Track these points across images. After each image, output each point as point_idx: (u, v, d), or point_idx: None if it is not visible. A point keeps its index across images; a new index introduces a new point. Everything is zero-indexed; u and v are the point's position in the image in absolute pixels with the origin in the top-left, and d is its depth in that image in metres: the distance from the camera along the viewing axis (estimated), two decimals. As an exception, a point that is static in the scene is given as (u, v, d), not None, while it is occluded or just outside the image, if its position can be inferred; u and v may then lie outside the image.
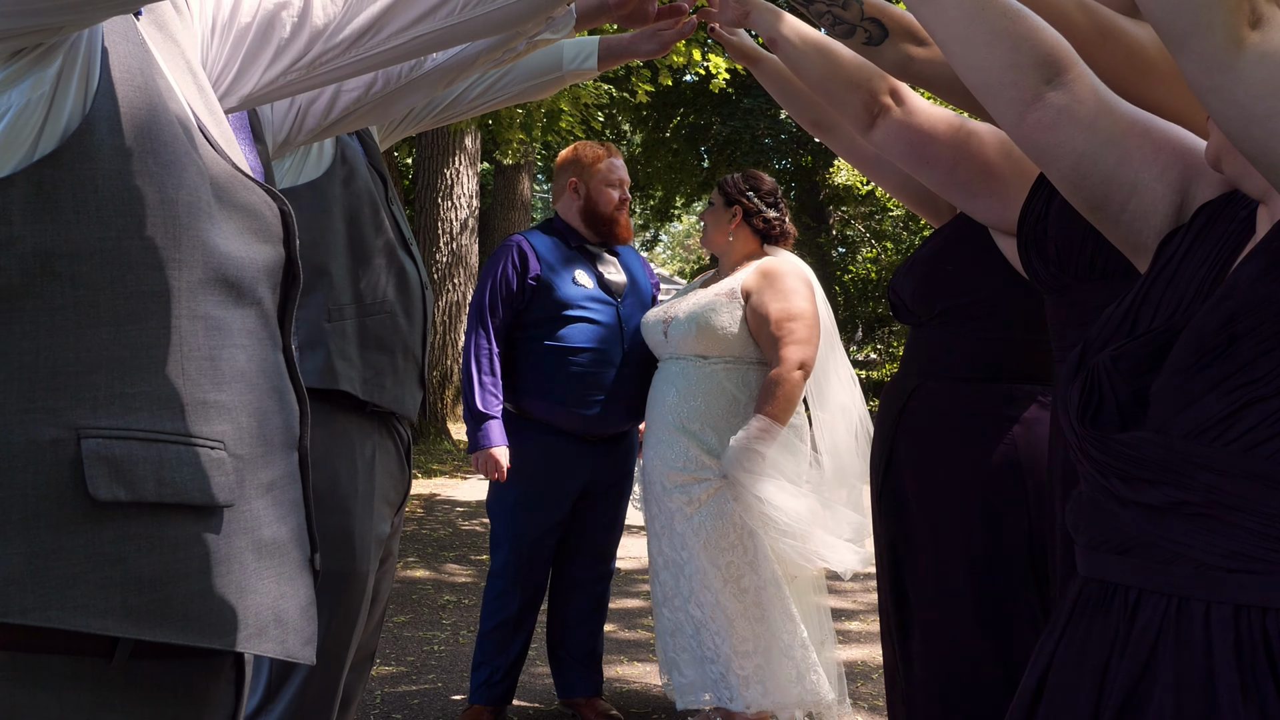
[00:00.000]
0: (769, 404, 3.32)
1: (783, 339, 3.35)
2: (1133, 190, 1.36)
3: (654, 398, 3.54)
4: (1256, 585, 1.12)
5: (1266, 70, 1.04)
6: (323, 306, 2.21)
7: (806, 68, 2.00)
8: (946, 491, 2.14)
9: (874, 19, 1.80)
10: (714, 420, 3.40)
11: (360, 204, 2.29)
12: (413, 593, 5.64)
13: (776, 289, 3.43)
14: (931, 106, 1.98)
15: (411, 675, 4.42)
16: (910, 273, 2.30)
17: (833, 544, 3.31)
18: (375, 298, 2.31)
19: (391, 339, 2.33)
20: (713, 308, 3.44)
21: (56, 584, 0.99)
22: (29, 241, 0.99)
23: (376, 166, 2.37)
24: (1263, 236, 1.21)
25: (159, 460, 1.05)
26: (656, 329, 3.56)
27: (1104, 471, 1.23)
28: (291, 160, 2.20)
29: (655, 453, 3.50)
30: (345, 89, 1.72)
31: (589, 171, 3.78)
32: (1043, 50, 1.37)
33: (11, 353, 0.99)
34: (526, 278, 3.65)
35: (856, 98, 1.96)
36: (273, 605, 1.14)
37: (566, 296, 3.63)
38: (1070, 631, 1.27)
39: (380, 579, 2.43)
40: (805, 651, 3.39)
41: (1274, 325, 1.13)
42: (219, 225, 1.12)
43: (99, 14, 0.99)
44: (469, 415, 3.63)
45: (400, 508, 2.45)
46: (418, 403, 2.43)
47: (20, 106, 0.98)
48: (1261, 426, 1.12)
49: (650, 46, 2.08)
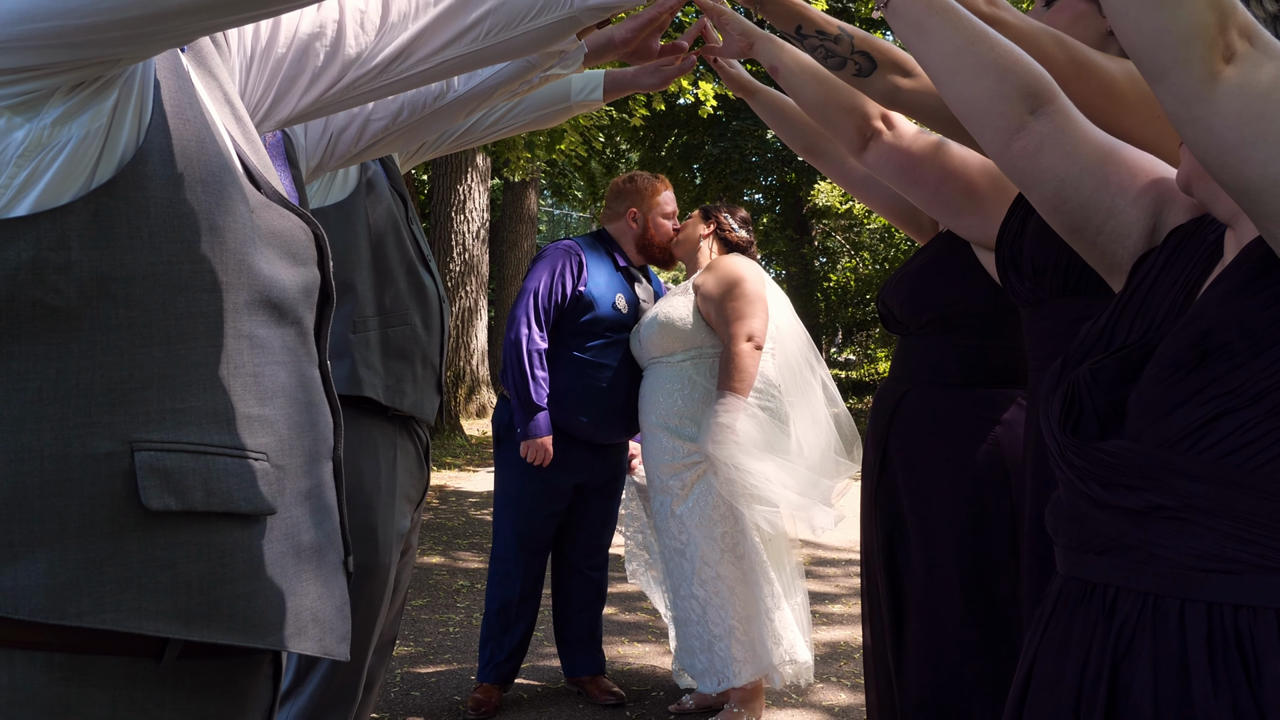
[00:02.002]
0: (727, 380, 3.39)
1: (729, 317, 3.41)
2: (1109, 214, 1.35)
3: (641, 404, 3.59)
4: (1228, 584, 1.11)
5: (1240, 102, 1.03)
6: (348, 319, 2.22)
7: (805, 94, 2.00)
8: (936, 486, 2.14)
9: (863, 52, 1.79)
10: (691, 412, 3.47)
11: (383, 224, 2.29)
12: (429, 578, 5.63)
13: (720, 276, 3.52)
14: (919, 131, 1.98)
15: (428, 655, 4.41)
16: (898, 286, 2.31)
17: (805, 505, 3.34)
18: (397, 311, 2.31)
19: (412, 349, 2.33)
20: (670, 305, 3.53)
21: (111, 588, 0.98)
22: (86, 266, 0.98)
23: (398, 189, 2.37)
24: (1232, 259, 1.20)
25: (207, 471, 1.04)
26: (635, 340, 3.62)
27: (1084, 477, 1.22)
28: (320, 183, 2.20)
29: (648, 453, 3.55)
30: (374, 118, 1.71)
31: (649, 204, 3.82)
32: (1027, 82, 1.36)
33: (70, 370, 0.98)
34: (579, 287, 3.66)
35: (851, 122, 1.97)
36: (311, 606, 1.13)
37: (603, 316, 3.66)
38: (1052, 628, 1.26)
39: (401, 570, 2.44)
40: (782, 614, 3.43)
41: (1243, 342, 1.12)
42: (261, 249, 1.10)
43: (154, 47, 0.97)
44: (521, 406, 3.58)
45: (419, 504, 2.46)
46: (435, 407, 2.43)
47: (80, 138, 0.97)
48: (1233, 436, 1.11)
49: (652, 80, 2.08)
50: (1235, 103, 1.03)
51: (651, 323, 3.54)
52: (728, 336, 3.42)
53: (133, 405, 1.00)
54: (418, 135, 1.79)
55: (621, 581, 5.25)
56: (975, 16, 1.60)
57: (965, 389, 2.17)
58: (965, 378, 2.18)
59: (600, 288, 3.68)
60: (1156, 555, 1.15)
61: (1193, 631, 1.12)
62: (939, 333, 2.22)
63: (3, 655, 0.96)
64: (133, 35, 0.93)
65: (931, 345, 2.23)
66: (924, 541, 2.15)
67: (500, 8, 1.31)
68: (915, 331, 2.26)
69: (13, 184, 0.95)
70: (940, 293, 2.20)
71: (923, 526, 2.15)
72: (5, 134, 0.94)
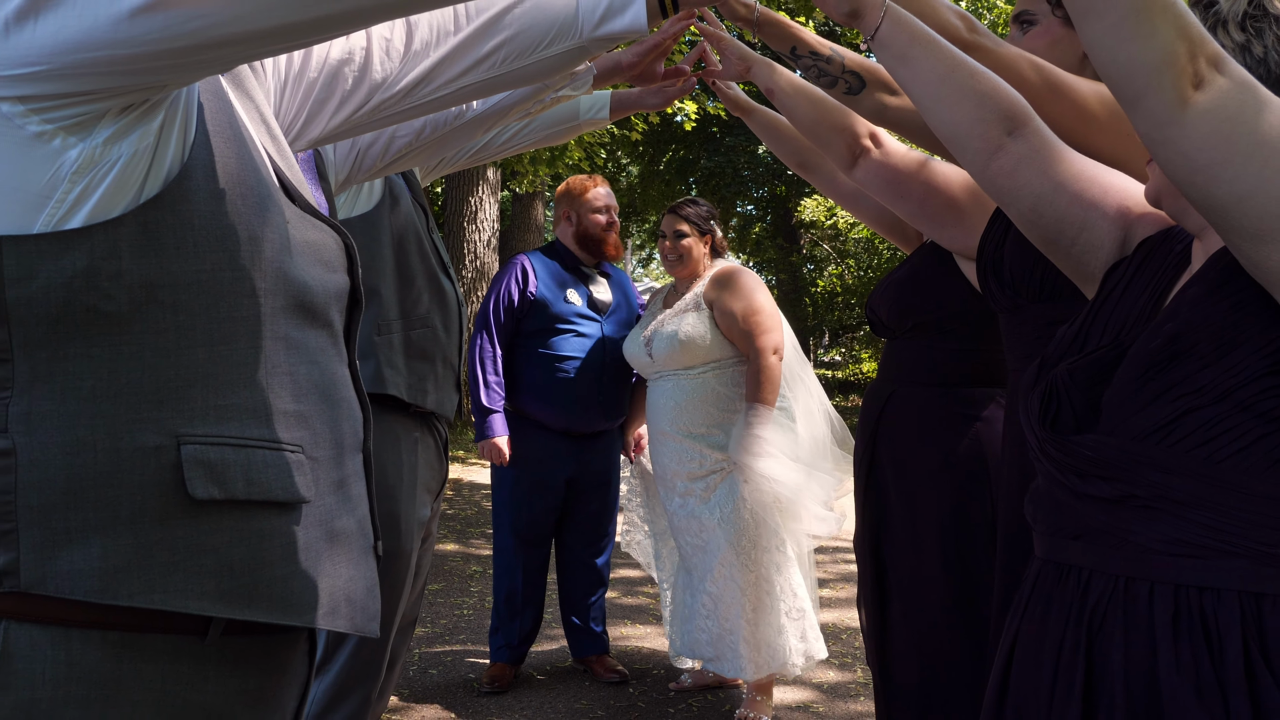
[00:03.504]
0: (756, 392, 3.31)
1: (753, 332, 3.34)
2: (1082, 227, 1.35)
3: (655, 411, 3.49)
4: (1194, 568, 1.11)
5: (1208, 125, 1.03)
6: (373, 322, 2.21)
7: (798, 114, 1.99)
8: (921, 479, 2.14)
9: (854, 72, 1.79)
10: (716, 419, 3.40)
11: (406, 233, 2.28)
12: (445, 564, 5.63)
13: (734, 290, 3.43)
14: (905, 148, 1.98)
15: (445, 636, 4.41)
16: (886, 293, 2.30)
17: (820, 515, 3.32)
18: (418, 314, 2.30)
19: (432, 350, 2.32)
20: (686, 324, 3.42)
21: (160, 571, 0.98)
22: (136, 274, 0.98)
23: (419, 200, 2.37)
24: (1200, 267, 1.20)
25: (248, 463, 1.03)
26: (640, 353, 3.53)
27: (1061, 468, 1.22)
28: (347, 195, 2.20)
29: (668, 459, 3.45)
30: (398, 135, 1.71)
31: (579, 201, 3.80)
32: (1004, 106, 1.36)
33: (121, 371, 0.98)
34: (526, 292, 3.68)
35: (841, 140, 1.96)
36: (344, 587, 1.13)
37: (559, 312, 3.66)
38: (1031, 608, 1.26)
39: (421, 556, 2.43)
40: (806, 615, 3.40)
41: (1210, 344, 1.12)
42: (296, 258, 1.10)
43: (197, 74, 0.97)
44: (475, 409, 3.65)
45: (438, 494, 2.45)
46: (454, 404, 2.43)
47: (129, 155, 0.97)
48: (1200, 431, 1.11)
49: (656, 101, 2.07)
50: (1204, 126, 1.03)
51: (669, 340, 3.42)
52: (754, 351, 3.34)
53: (179, 402, 1.00)
54: (438, 151, 1.79)
55: (623, 567, 5.25)
56: (955, 45, 1.61)
57: (948, 389, 2.17)
58: (948, 378, 2.17)
59: (550, 288, 3.69)
60: (1128, 541, 1.15)
61: (1160, 611, 1.12)
62: (923, 336, 2.21)
63: (60, 633, 0.96)
64: (177, 64, 0.93)
65: (916, 348, 2.23)
66: (910, 528, 2.15)
67: (515, 38, 1.31)
68: (901, 335, 2.26)
69: (68, 199, 0.94)
70: (924, 299, 2.20)
71: (909, 514, 2.16)
72: (60, 153, 0.94)
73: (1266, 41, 1.15)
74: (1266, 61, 1.15)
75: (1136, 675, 1.12)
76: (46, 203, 0.94)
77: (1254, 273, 1.08)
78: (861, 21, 1.41)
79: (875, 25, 1.39)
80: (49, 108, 0.92)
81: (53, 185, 0.93)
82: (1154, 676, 1.11)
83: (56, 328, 0.95)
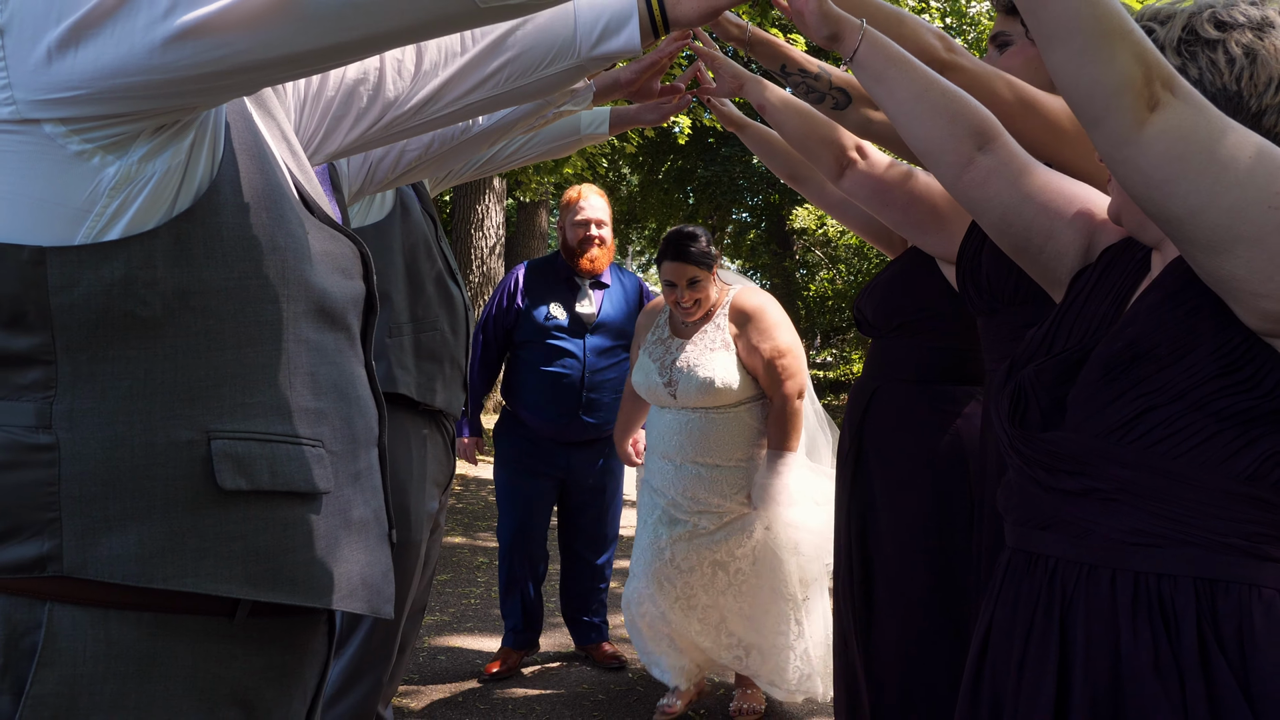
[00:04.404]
0: (782, 439, 3.04)
1: (780, 377, 3.06)
2: (1049, 236, 1.36)
3: (671, 441, 3.14)
4: (1153, 557, 1.14)
5: (1163, 144, 1.05)
6: (385, 325, 2.23)
7: (788, 128, 2.00)
8: (904, 471, 2.14)
9: (840, 88, 1.81)
10: (746, 450, 3.10)
11: (415, 241, 2.30)
12: (453, 556, 5.63)
13: (761, 328, 3.12)
14: (890, 160, 1.99)
15: (453, 624, 4.42)
16: (871, 294, 2.31)
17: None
18: (428, 318, 2.32)
19: (441, 351, 2.34)
20: (718, 367, 3.07)
21: (191, 556, 1.00)
22: (169, 282, 1.00)
23: (428, 210, 2.38)
24: (1158, 274, 1.22)
25: (272, 457, 1.05)
26: (659, 390, 3.15)
27: (1030, 463, 1.24)
28: (360, 205, 2.21)
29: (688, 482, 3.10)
30: (408, 149, 1.73)
31: (565, 212, 3.74)
32: (974, 123, 1.38)
33: (155, 371, 1.00)
34: (514, 303, 3.65)
35: (829, 153, 1.97)
36: (361, 572, 1.14)
37: (542, 325, 3.61)
38: (1003, 593, 1.28)
39: (430, 546, 2.44)
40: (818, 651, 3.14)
41: (1167, 347, 1.14)
42: (315, 266, 1.12)
43: (224, 97, 1.00)
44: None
45: (447, 488, 2.46)
46: (461, 403, 2.44)
47: (163, 172, 0.99)
48: (1158, 429, 1.13)
49: (653, 117, 2.08)
50: (1159, 145, 1.05)
51: (701, 387, 3.06)
52: (782, 396, 3.06)
53: (209, 401, 1.02)
54: (446, 164, 1.81)
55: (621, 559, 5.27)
56: (934, 63, 1.63)
57: (930, 385, 2.17)
58: (930, 376, 2.18)
59: (535, 300, 3.64)
60: (1092, 531, 1.17)
61: (1122, 596, 1.14)
62: (907, 336, 2.22)
63: (99, 614, 0.98)
64: (206, 88, 0.95)
65: (900, 347, 2.23)
66: (894, 518, 2.15)
67: (517, 58, 1.33)
68: (886, 334, 2.26)
69: (106, 212, 0.96)
70: (908, 301, 2.20)
71: (893, 505, 2.16)
72: (99, 170, 0.96)
73: (1200, 64, 1.17)
74: (1201, 82, 1.16)
75: (1101, 656, 1.15)
76: (87, 216, 0.96)
77: (1208, 281, 1.10)
78: (841, 44, 1.43)
79: (854, 47, 1.41)
80: (88, 128, 0.94)
81: (92, 200, 0.96)
82: (1117, 657, 1.14)
83: (96, 332, 0.98)
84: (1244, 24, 1.17)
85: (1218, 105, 1.15)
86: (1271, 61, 1.15)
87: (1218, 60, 1.16)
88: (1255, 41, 1.16)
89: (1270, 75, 1.16)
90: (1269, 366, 1.09)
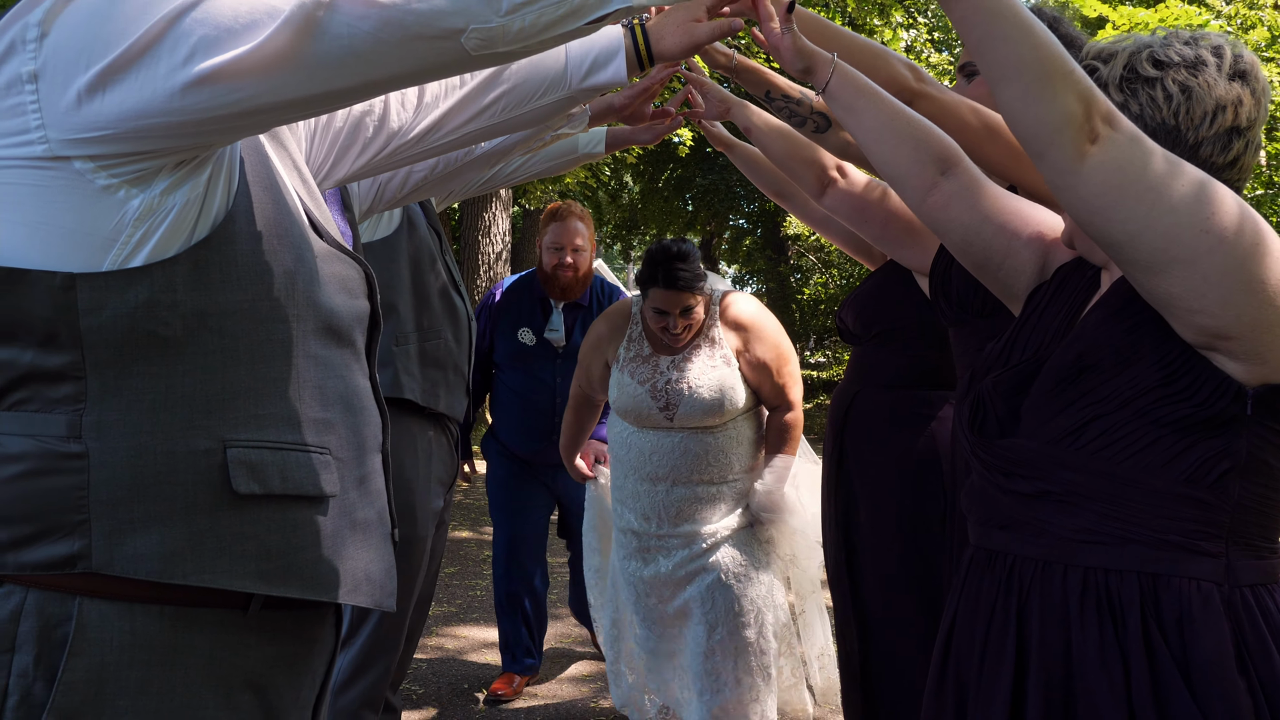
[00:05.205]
0: (782, 445, 2.79)
1: (787, 385, 2.79)
2: (1007, 255, 1.39)
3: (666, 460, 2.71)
4: (1101, 554, 1.17)
5: (1102, 176, 1.09)
6: (392, 334, 2.25)
7: (773, 149, 2.01)
8: (883, 470, 2.16)
9: (820, 113, 1.82)
10: (746, 463, 2.77)
11: (421, 255, 2.32)
12: (459, 550, 5.64)
13: (762, 338, 2.79)
14: (868, 179, 1.99)
15: (459, 615, 4.44)
16: (852, 304, 2.32)
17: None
18: (432, 327, 2.34)
19: (445, 359, 2.36)
20: (726, 386, 2.70)
21: (209, 555, 1.04)
22: (189, 304, 1.03)
23: (434, 225, 2.41)
24: (1104, 292, 1.26)
25: (283, 463, 1.08)
26: (649, 413, 2.71)
27: (989, 468, 1.27)
28: (369, 222, 2.23)
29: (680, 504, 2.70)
30: (414, 171, 1.76)
31: (542, 229, 3.45)
32: (937, 149, 1.41)
33: (176, 386, 1.03)
34: (487, 324, 3.43)
35: (811, 173, 1.98)
36: (365, 568, 1.17)
37: (513, 348, 3.40)
38: (966, 587, 1.31)
39: (436, 541, 2.47)
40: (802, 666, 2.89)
41: (1111, 359, 1.17)
42: (324, 287, 1.15)
43: (239, 136, 1.04)
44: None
45: (450, 486, 2.48)
46: (463, 407, 2.45)
47: (182, 204, 1.03)
48: (1104, 435, 1.17)
49: (646, 137, 2.09)
50: (1098, 176, 1.09)
51: (707, 407, 2.67)
52: (785, 405, 2.80)
53: (225, 412, 1.06)
54: (450, 183, 1.85)
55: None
56: (904, 92, 1.66)
57: (907, 390, 2.19)
58: (907, 381, 2.20)
59: (510, 324, 3.41)
60: (1046, 530, 1.21)
61: (1072, 590, 1.18)
62: (886, 343, 2.23)
63: (125, 608, 1.02)
64: (222, 128, 0.99)
65: (879, 354, 2.25)
66: (874, 513, 2.17)
67: (513, 90, 1.37)
68: (866, 342, 2.28)
69: (131, 241, 1.00)
70: (887, 310, 2.22)
71: (873, 501, 2.18)
72: (124, 202, 0.99)
73: (1141, 100, 1.20)
74: (1142, 117, 1.20)
75: (1053, 643, 1.18)
76: (113, 245, 1.00)
77: (1148, 298, 1.14)
78: (814, 77, 1.45)
79: (825, 80, 1.44)
80: (114, 164, 0.98)
81: (118, 230, 1.00)
82: (1068, 645, 1.17)
83: (122, 350, 1.01)
84: (1179, 63, 1.20)
85: (1158, 138, 1.19)
86: (1205, 97, 1.19)
87: (1156, 97, 1.20)
88: (1190, 79, 1.19)
89: (1205, 110, 1.19)
90: (1204, 377, 1.13)
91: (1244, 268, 1.07)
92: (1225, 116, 1.19)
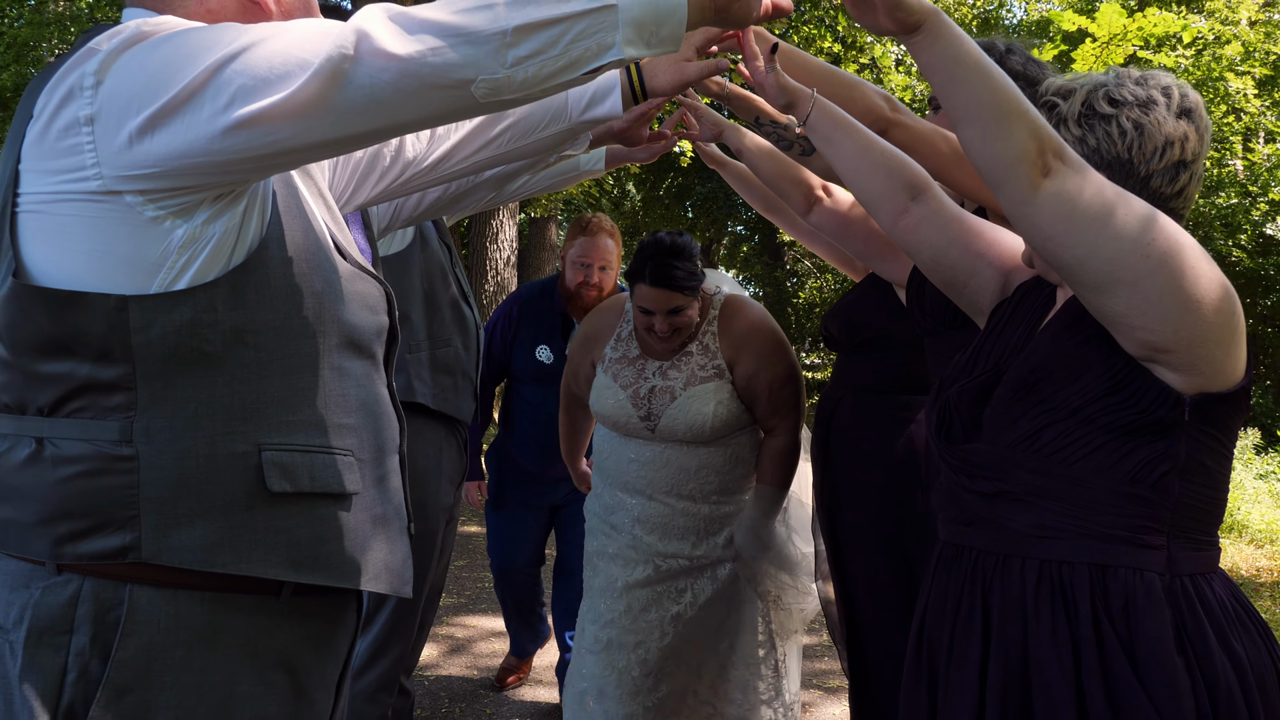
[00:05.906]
0: (776, 476, 2.37)
1: (784, 408, 2.39)
2: (972, 273, 1.45)
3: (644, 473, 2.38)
4: (1054, 547, 1.23)
5: (1054, 206, 1.14)
6: (405, 342, 2.28)
7: (762, 170, 2.05)
8: (865, 471, 2.19)
9: (806, 138, 1.86)
10: (735, 484, 2.41)
11: (433, 268, 2.36)
12: (469, 543, 5.66)
13: (761, 351, 2.38)
14: (852, 199, 2.02)
15: (468, 606, 4.47)
16: (838, 314, 2.33)
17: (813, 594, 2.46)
18: (443, 336, 2.37)
19: (454, 365, 2.39)
20: (714, 402, 2.32)
21: (246, 546, 1.10)
22: (228, 323, 1.10)
23: (445, 241, 2.45)
24: (1058, 309, 1.32)
25: (311, 464, 1.14)
26: (630, 422, 2.37)
27: (955, 470, 1.33)
28: (385, 239, 2.29)
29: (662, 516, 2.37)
30: (429, 192, 1.81)
31: (569, 241, 3.19)
32: (908, 177, 1.46)
33: (217, 396, 1.10)
34: (505, 338, 3.21)
35: (798, 191, 2.01)
36: (384, 559, 1.23)
37: (529, 365, 3.18)
38: (936, 579, 1.37)
39: (446, 536, 2.49)
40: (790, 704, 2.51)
41: (1064, 371, 1.23)
42: (347, 305, 1.21)
43: (272, 173, 1.10)
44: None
45: (459, 484, 2.52)
46: (472, 410, 2.49)
47: (221, 233, 1.09)
48: (1056, 440, 1.23)
49: (642, 156, 2.10)
50: (1050, 206, 1.15)
51: (693, 422, 2.31)
52: (785, 428, 2.37)
53: (259, 419, 1.12)
54: (461, 203, 1.89)
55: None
56: (880, 121, 1.71)
57: (888, 395, 2.22)
58: (888, 386, 2.22)
59: (527, 339, 3.16)
60: (1006, 527, 1.27)
61: (1029, 581, 1.23)
62: (868, 351, 2.26)
63: (170, 594, 1.09)
64: (258, 167, 1.05)
65: (862, 360, 2.27)
66: (858, 510, 2.20)
67: (517, 124, 1.43)
68: (850, 350, 2.30)
69: (176, 266, 1.07)
70: (870, 320, 2.24)
71: (856, 499, 2.21)
72: (170, 232, 1.06)
73: (1097, 134, 1.26)
74: (1100, 150, 1.26)
75: (1013, 629, 1.24)
76: (160, 270, 1.07)
77: (1096, 315, 1.20)
78: (795, 110, 1.51)
79: (806, 113, 1.50)
80: (161, 198, 1.05)
81: (164, 256, 1.06)
82: (1025, 630, 1.23)
83: (168, 364, 1.08)
84: (1132, 101, 1.26)
85: (1114, 170, 1.25)
86: (1156, 134, 1.25)
87: (1112, 132, 1.26)
88: (1142, 117, 1.26)
89: (1155, 145, 1.25)
90: (1146, 387, 1.19)
91: (1181, 289, 1.13)
92: (1174, 151, 1.25)
